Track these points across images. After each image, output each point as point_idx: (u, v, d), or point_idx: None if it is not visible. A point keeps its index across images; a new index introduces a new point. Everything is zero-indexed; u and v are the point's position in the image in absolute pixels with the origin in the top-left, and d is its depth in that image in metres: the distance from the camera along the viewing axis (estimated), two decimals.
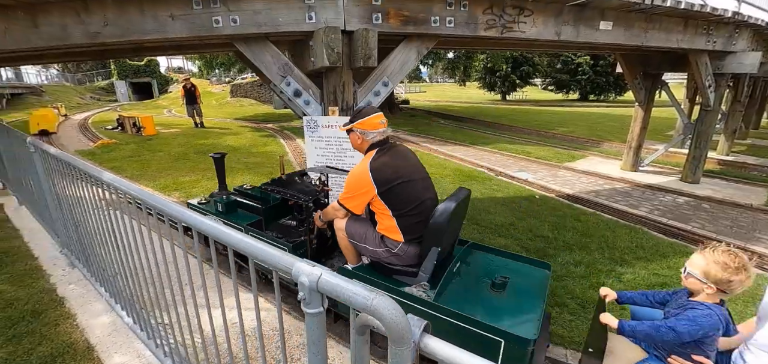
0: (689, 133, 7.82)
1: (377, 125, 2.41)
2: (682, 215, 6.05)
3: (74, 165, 2.41)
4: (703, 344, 1.62)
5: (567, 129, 15.72)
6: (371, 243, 2.44)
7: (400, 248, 2.36)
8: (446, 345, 0.87)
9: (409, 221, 2.33)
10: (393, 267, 2.46)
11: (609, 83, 32.63)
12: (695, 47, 6.01)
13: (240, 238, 1.09)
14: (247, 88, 26.44)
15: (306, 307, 0.91)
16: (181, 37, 3.52)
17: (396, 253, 2.38)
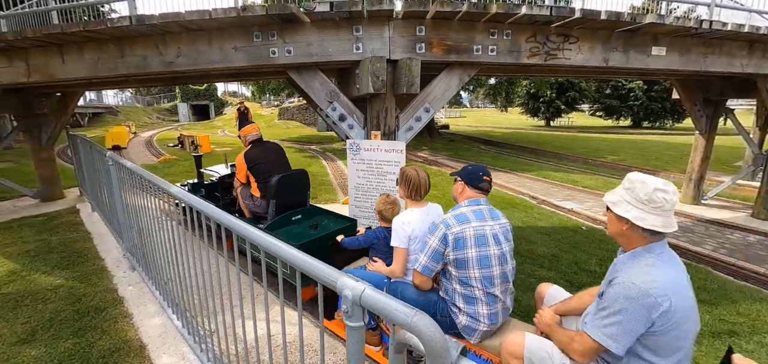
0: (760, 165, 7.09)
1: (251, 131, 4.09)
2: (755, 255, 5.45)
3: (145, 178, 2.69)
4: None
5: (618, 157, 14.84)
6: (247, 199, 3.99)
7: (257, 202, 3.88)
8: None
9: (264, 186, 3.77)
10: (257, 213, 3.96)
11: (665, 109, 30.48)
12: (764, 72, 5.53)
13: (289, 251, 1.18)
14: (293, 111, 27.87)
15: (347, 320, 0.97)
16: (242, 66, 3.87)
17: (257, 204, 3.90)
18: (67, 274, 3.89)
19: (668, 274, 1.43)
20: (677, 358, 1.45)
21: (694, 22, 4.39)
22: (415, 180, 2.49)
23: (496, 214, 2.16)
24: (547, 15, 3.66)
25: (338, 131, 4.15)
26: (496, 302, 2.03)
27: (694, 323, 1.46)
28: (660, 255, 1.48)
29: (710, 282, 4.31)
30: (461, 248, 1.98)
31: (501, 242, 2.06)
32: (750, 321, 3.52)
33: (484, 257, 1.99)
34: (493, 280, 2.01)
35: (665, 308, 1.37)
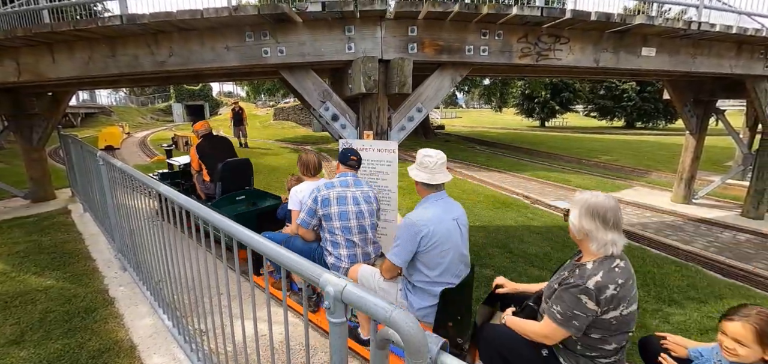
0: (749, 165, 7.20)
1: (202, 127, 4.99)
2: (743, 253, 5.53)
3: (135, 177, 2.69)
4: None
5: (611, 157, 14.97)
6: (200, 183, 4.83)
7: (208, 185, 4.73)
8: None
9: (214, 172, 4.60)
10: (208, 195, 4.73)
11: (657, 110, 30.80)
12: (752, 73, 5.61)
13: (275, 249, 1.19)
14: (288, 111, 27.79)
15: (330, 316, 0.98)
16: (234, 65, 3.86)
17: (207, 187, 4.73)
18: (58, 275, 3.87)
19: (433, 212, 2.18)
20: (440, 270, 2.19)
21: (682, 24, 4.45)
22: (306, 161, 3.35)
23: (359, 183, 2.89)
24: (538, 16, 3.69)
25: (332, 131, 4.16)
26: (354, 246, 2.76)
27: (452, 245, 2.18)
28: (434, 202, 2.26)
29: (699, 280, 4.36)
30: (327, 206, 2.70)
31: (359, 202, 2.77)
32: None
33: (344, 213, 2.71)
34: (352, 230, 2.72)
35: (424, 233, 2.11)
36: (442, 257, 2.17)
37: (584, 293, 1.58)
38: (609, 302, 1.58)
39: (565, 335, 1.65)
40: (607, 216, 1.65)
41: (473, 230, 5.74)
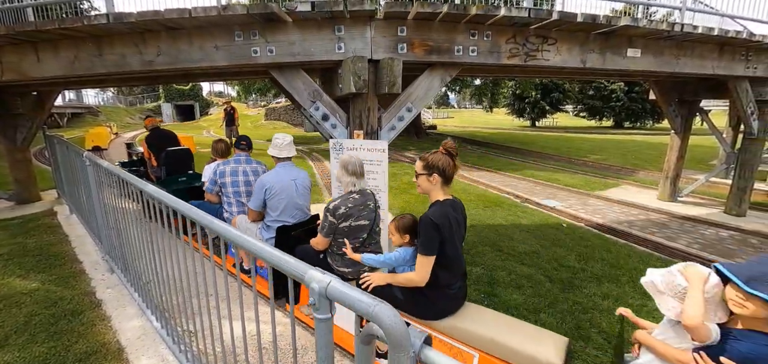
0: (732, 163, 7.38)
1: (150, 122, 6.28)
2: (726, 249, 5.67)
3: (122, 177, 2.66)
4: None
5: (600, 156, 15.20)
6: (150, 168, 5.98)
7: (155, 169, 5.79)
8: (446, 358, 0.91)
9: (160, 159, 5.65)
10: (157, 177, 5.69)
11: (645, 110, 31.37)
12: (734, 74, 5.76)
13: (261, 247, 1.20)
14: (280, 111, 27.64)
15: (315, 312, 0.99)
16: (223, 65, 3.84)
17: (155, 171, 5.81)
18: (43, 277, 3.80)
19: (277, 174, 3.33)
20: (278, 212, 3.31)
21: (666, 25, 4.55)
22: (216, 147, 4.50)
23: (250, 160, 3.95)
24: (525, 17, 3.75)
25: (322, 131, 4.16)
26: (242, 206, 3.81)
27: (287, 195, 3.31)
28: (281, 166, 3.38)
29: None
30: (223, 177, 3.82)
31: (248, 175, 3.85)
32: None
33: (235, 182, 3.82)
34: (241, 194, 3.84)
35: (268, 187, 3.28)
36: (279, 203, 3.30)
37: (327, 211, 2.70)
38: (341, 217, 2.68)
39: (324, 239, 2.76)
40: (349, 168, 2.79)
41: None
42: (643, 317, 3.55)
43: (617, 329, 1.94)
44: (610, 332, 3.28)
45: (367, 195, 2.82)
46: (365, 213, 2.75)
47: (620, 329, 1.95)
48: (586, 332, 3.28)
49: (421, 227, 2.16)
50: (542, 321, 3.37)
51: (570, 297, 3.84)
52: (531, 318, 3.41)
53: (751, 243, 5.97)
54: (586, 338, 3.19)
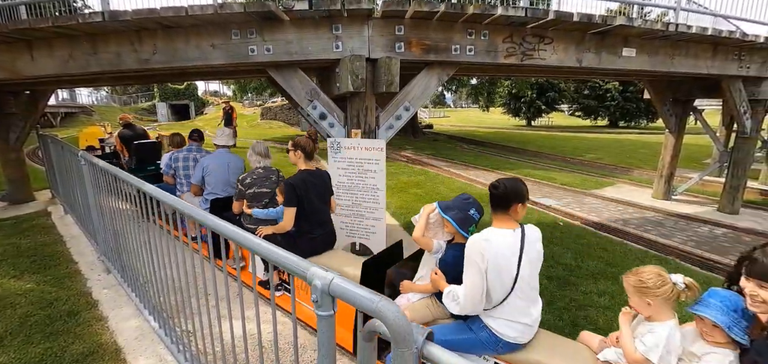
0: (725, 162, 7.47)
1: (123, 119, 7.33)
2: (720, 247, 5.73)
3: (119, 177, 2.64)
4: None
5: (595, 156, 15.31)
6: (123, 159, 6.90)
7: (126, 160, 6.86)
8: (447, 353, 0.92)
9: (131, 151, 6.61)
10: (129, 168, 6.20)
11: (639, 109, 31.64)
12: (727, 73, 5.83)
13: (260, 244, 1.20)
14: (276, 111, 27.54)
15: (318, 309, 0.99)
16: (220, 64, 3.83)
17: (127, 162, 6.69)
18: (38, 278, 3.77)
19: (214, 157, 4.28)
20: (211, 188, 4.16)
21: (661, 25, 4.59)
22: (172, 140, 5.14)
23: (200, 150, 4.77)
24: (522, 16, 3.77)
25: (319, 130, 4.16)
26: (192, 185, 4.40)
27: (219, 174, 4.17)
28: (219, 152, 4.30)
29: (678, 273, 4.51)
30: (176, 162, 4.65)
31: (197, 161, 4.45)
32: None
33: (185, 166, 4.64)
34: (190, 176, 4.51)
35: (205, 165, 4.21)
36: (213, 180, 4.12)
37: (238, 182, 3.54)
38: (247, 185, 3.50)
39: (237, 202, 3.59)
40: (256, 149, 3.64)
41: None
42: None
43: None
44: (607, 329, 3.31)
45: (270, 171, 3.66)
46: (267, 184, 3.57)
47: None
48: (583, 328, 3.30)
49: (285, 187, 2.98)
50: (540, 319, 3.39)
51: (567, 294, 3.86)
52: None
53: (744, 241, 6.04)
54: None
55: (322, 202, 3.12)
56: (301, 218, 2.97)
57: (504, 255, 1.85)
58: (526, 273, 1.89)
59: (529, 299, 1.96)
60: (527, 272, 1.91)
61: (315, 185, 3.06)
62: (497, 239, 1.85)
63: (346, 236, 4.38)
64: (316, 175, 3.11)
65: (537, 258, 2.01)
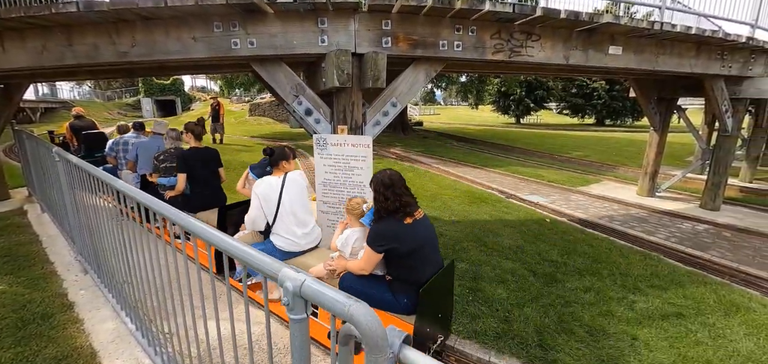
0: (707, 160, 7.62)
1: (76, 110, 8.29)
2: (702, 243, 5.85)
3: (91, 173, 2.54)
4: None
5: (582, 153, 15.51)
6: (72, 147, 7.44)
7: (77, 149, 7.35)
8: (427, 358, 0.88)
9: (79, 139, 7.45)
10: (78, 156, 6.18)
11: (625, 108, 32.19)
12: (710, 72, 5.93)
13: (233, 244, 1.14)
14: (265, 107, 27.18)
15: (290, 312, 0.94)
16: (202, 57, 3.71)
17: (76, 150, 7.06)
18: (11, 279, 3.61)
19: (144, 142, 5.30)
20: (141, 165, 5.08)
21: (646, 23, 4.63)
22: (119, 127, 6.14)
23: (139, 136, 5.51)
24: (510, 12, 3.75)
25: (305, 126, 4.08)
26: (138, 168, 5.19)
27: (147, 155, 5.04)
28: (151, 138, 5.39)
29: (662, 268, 4.58)
30: (117, 146, 5.64)
31: (144, 145, 5.14)
32: (695, 304, 3.77)
33: (125, 150, 5.52)
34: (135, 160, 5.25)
35: (138, 146, 5.24)
36: (142, 160, 4.99)
37: (153, 159, 4.55)
38: (161, 161, 4.43)
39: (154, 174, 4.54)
40: (170, 135, 4.52)
41: (449, 224, 5.80)
42: (623, 309, 3.63)
43: None
44: (593, 326, 3.34)
45: (180, 150, 4.34)
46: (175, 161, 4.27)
47: None
48: (568, 325, 3.32)
49: (177, 159, 4.08)
50: (526, 315, 3.40)
51: (553, 291, 3.88)
52: (515, 313, 3.44)
53: (725, 236, 6.18)
54: (569, 332, 3.23)
55: (207, 170, 4.15)
56: (192, 182, 4.05)
57: (270, 192, 3.00)
58: (286, 202, 3.01)
59: (291, 222, 3.04)
60: (288, 202, 3.02)
61: (202, 157, 4.12)
62: (267, 181, 3.05)
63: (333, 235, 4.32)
64: (202, 150, 4.18)
65: (297, 193, 3.10)
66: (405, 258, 2.37)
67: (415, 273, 2.38)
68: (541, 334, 3.17)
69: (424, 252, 2.42)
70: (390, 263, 2.48)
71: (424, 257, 2.42)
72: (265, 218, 3.01)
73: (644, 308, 3.66)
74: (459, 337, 3.11)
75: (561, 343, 3.09)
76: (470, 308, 3.47)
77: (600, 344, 3.10)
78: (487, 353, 2.95)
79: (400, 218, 2.38)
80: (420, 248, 2.39)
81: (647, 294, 3.94)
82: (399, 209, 2.37)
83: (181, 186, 4.00)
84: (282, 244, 3.02)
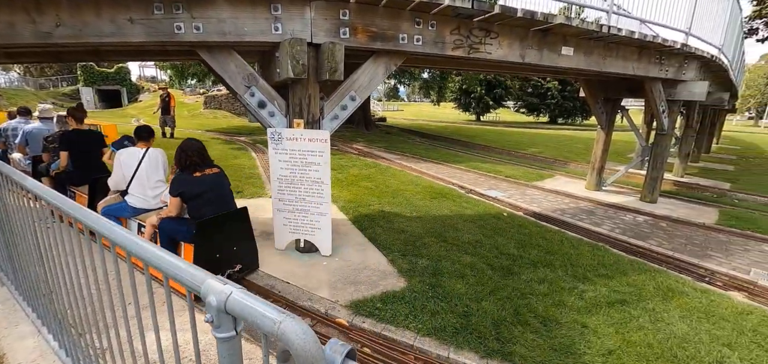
0: (646, 156, 8.24)
1: (17, 114, 6.58)
2: (642, 233, 6.29)
3: (6, 174, 2.20)
4: None
5: (537, 149, 16.25)
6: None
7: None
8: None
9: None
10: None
11: (576, 108, 34.27)
12: (649, 75, 6.37)
13: (154, 252, 0.98)
14: (221, 100, 25.90)
15: (215, 331, 0.82)
16: (140, 41, 3.37)
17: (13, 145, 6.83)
18: None
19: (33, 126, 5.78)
20: (31, 148, 5.60)
21: (595, 26, 4.86)
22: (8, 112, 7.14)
23: (29, 122, 5.85)
24: (468, 8, 3.75)
25: (259, 119, 3.85)
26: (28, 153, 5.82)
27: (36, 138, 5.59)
28: (41, 122, 5.99)
29: (607, 258, 4.85)
30: (7, 131, 6.20)
31: (31, 131, 5.66)
32: (637, 290, 4.03)
33: (15, 134, 5.92)
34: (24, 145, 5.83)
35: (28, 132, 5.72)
36: (32, 143, 5.47)
37: (44, 141, 5.12)
38: (50, 142, 5.01)
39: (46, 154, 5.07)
40: (57, 121, 6.16)
41: (411, 220, 5.79)
42: (573, 299, 3.79)
43: None
44: (546, 316, 3.44)
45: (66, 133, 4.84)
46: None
47: None
48: (524, 316, 3.40)
49: (59, 139, 4.72)
50: (484, 309, 3.44)
51: (509, 284, 3.97)
52: (474, 307, 3.47)
53: (661, 227, 6.70)
54: (524, 323, 3.31)
55: (87, 149, 4.69)
56: (74, 160, 4.62)
57: (131, 159, 3.74)
58: (143, 169, 3.71)
59: (146, 186, 3.74)
60: (144, 169, 3.72)
61: (82, 137, 4.74)
62: (129, 151, 3.81)
63: (290, 233, 4.14)
64: (83, 132, 4.80)
65: (153, 164, 3.80)
66: (191, 200, 3.28)
67: (198, 212, 3.27)
68: (498, 327, 3.22)
69: (206, 197, 3.29)
70: (187, 206, 3.35)
71: (206, 201, 3.29)
72: (125, 180, 3.71)
73: (592, 296, 3.85)
74: (418, 335, 3.08)
75: (517, 335, 3.15)
76: (430, 305, 3.46)
77: (553, 334, 3.20)
78: (446, 350, 2.94)
79: (190, 172, 3.28)
80: (203, 193, 3.28)
81: (595, 283, 4.15)
82: (189, 166, 3.28)
83: (63, 163, 4.62)
84: (134, 202, 3.72)
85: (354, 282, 3.80)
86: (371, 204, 6.49)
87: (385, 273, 4.04)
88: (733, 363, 2.97)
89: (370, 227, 5.30)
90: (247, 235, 3.68)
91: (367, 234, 5.05)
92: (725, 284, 4.63)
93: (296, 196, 3.93)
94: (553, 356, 2.92)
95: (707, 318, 3.58)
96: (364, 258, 4.34)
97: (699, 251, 5.62)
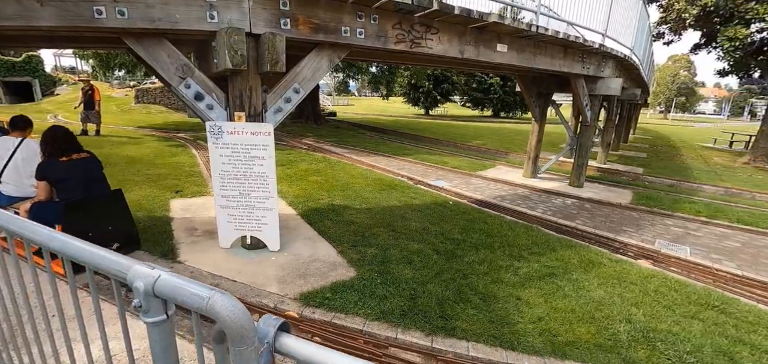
0: (574, 145, 9.09)
1: None
2: (570, 214, 6.96)
3: None
4: None
5: (481, 142, 17.15)
6: None
7: None
8: (307, 344, 0.84)
9: None
10: None
11: (516, 102, 36.57)
12: (573, 71, 7.03)
13: (70, 242, 0.95)
14: (155, 93, 23.88)
15: (144, 316, 0.82)
16: (52, 25, 3.04)
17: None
18: None
19: None
20: None
21: (525, 26, 5.26)
22: None
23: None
24: (409, 3, 3.88)
25: (197, 113, 3.67)
26: None
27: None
28: None
29: (540, 238, 5.32)
30: None
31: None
32: (564, 264, 4.48)
33: None
34: None
35: None
36: None
37: None
38: None
39: None
40: None
41: (360, 212, 5.87)
42: (510, 275, 4.12)
43: None
44: (486, 292, 3.72)
45: None
46: None
47: None
48: (466, 295, 3.65)
49: None
50: (430, 291, 3.63)
51: (453, 266, 4.22)
52: (420, 290, 3.64)
53: (586, 208, 7.47)
54: (466, 301, 3.55)
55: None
56: None
57: (1, 150, 3.71)
58: (18, 158, 3.72)
59: (23, 175, 3.75)
60: (20, 158, 3.73)
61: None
62: (1, 140, 3.78)
63: (235, 230, 4.02)
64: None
65: (30, 153, 3.77)
66: (58, 184, 3.43)
67: (67, 195, 3.43)
68: (442, 306, 3.42)
69: (72, 182, 3.45)
70: (56, 190, 3.47)
71: (72, 186, 3.44)
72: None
73: (526, 272, 4.22)
74: (367, 320, 3.17)
75: (459, 311, 3.38)
76: (378, 290, 3.57)
77: (491, 308, 3.48)
78: (394, 331, 3.07)
79: (56, 157, 3.42)
80: (68, 178, 3.44)
81: (529, 260, 4.55)
82: (54, 152, 3.43)
83: None
84: (9, 190, 3.76)
85: (304, 275, 3.80)
86: (321, 198, 6.46)
87: (335, 264, 4.08)
88: (639, 319, 3.45)
89: (320, 221, 5.30)
90: (123, 215, 3.93)
91: (317, 228, 5.04)
92: (635, 254, 5.31)
93: (240, 191, 3.82)
94: (490, 327, 3.18)
95: (620, 284, 4.10)
96: (313, 251, 4.34)
97: (615, 227, 6.37)
